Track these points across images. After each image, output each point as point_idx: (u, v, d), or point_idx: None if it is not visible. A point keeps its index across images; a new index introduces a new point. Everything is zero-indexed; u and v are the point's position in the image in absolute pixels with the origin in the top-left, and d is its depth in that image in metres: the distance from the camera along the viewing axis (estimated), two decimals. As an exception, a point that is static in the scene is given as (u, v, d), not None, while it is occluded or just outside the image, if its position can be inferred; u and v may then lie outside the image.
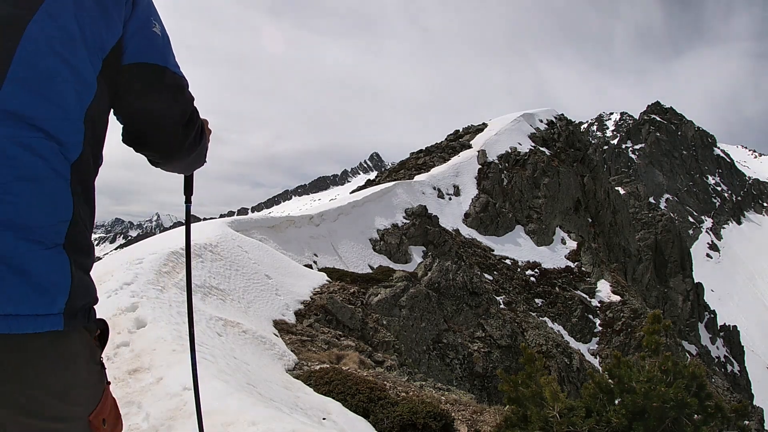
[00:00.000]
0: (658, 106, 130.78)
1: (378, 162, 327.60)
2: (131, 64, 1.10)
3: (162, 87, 1.15)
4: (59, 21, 0.97)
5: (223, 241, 9.85)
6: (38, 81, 0.93)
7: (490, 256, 22.20)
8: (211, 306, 7.11)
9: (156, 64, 1.14)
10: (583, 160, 34.20)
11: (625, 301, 22.61)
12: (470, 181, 26.70)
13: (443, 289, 13.23)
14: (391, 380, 6.62)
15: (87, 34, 1.01)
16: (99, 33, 1.03)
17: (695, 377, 3.61)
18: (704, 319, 45.79)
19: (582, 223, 29.31)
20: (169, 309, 6.05)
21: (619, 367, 3.82)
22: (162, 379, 3.75)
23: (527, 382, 4.14)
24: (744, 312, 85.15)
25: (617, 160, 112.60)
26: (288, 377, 5.60)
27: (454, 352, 11.72)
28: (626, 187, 61.76)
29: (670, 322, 4.26)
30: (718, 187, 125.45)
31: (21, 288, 0.85)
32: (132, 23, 1.11)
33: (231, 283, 8.45)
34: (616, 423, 3.55)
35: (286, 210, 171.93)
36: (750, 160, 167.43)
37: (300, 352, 7.08)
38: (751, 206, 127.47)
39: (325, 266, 13.46)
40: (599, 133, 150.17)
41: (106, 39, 1.05)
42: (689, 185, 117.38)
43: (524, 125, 34.04)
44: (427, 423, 4.50)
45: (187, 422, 3.16)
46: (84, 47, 1.00)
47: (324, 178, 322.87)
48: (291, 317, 8.64)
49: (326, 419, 4.18)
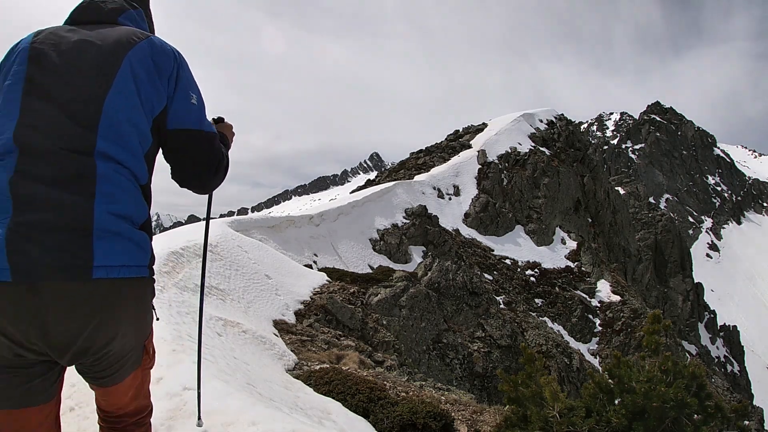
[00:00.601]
0: (658, 106, 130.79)
1: (378, 162, 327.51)
2: (174, 129, 1.58)
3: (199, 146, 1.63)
4: (125, 94, 1.47)
5: (223, 241, 9.85)
6: (117, 136, 1.44)
7: (490, 256, 22.20)
8: (211, 306, 7.11)
9: (192, 129, 1.61)
10: (583, 160, 34.20)
11: (625, 301, 22.61)
12: (470, 181, 26.71)
13: (443, 289, 13.23)
14: (391, 380, 6.62)
15: (143, 102, 1.50)
16: (151, 101, 1.52)
17: (695, 377, 3.61)
18: (704, 319, 45.79)
19: (582, 223, 29.32)
20: (168, 309, 6.06)
21: (619, 367, 3.82)
22: (162, 379, 3.75)
23: (527, 382, 4.14)
24: (744, 312, 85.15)
25: (617, 160, 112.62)
26: (288, 377, 5.60)
27: (454, 352, 11.72)
28: (626, 187, 61.77)
29: (670, 322, 4.26)
30: (718, 187, 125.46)
31: (132, 248, 1.43)
32: (175, 97, 1.58)
33: (231, 283, 8.46)
34: (616, 423, 3.55)
35: (286, 210, 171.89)
36: (750, 160, 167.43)
37: (300, 352, 7.08)
38: (751, 206, 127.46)
39: (325, 266, 13.46)
40: (599, 133, 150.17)
41: (156, 105, 1.54)
42: (689, 185, 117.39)
43: (524, 125, 34.05)
44: (427, 423, 4.50)
45: (187, 422, 3.16)
46: (142, 111, 1.50)
47: (324, 178, 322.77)
48: (291, 317, 8.65)
49: (325, 419, 4.18)
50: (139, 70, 1.49)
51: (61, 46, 1.48)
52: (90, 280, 1.34)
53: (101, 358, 1.47)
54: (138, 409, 1.73)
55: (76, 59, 1.47)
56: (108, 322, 1.41)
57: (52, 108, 1.41)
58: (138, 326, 1.54)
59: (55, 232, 1.31)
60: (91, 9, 1.61)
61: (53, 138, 1.38)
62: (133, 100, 1.48)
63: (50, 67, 1.45)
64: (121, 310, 1.44)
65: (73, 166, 1.37)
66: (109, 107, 1.44)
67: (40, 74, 1.45)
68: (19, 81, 1.45)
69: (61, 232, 1.31)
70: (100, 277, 1.35)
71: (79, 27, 1.56)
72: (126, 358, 1.54)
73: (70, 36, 1.51)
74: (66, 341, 1.37)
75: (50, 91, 1.43)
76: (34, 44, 1.49)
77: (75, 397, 3.72)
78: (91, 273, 1.34)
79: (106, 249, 1.36)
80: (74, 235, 1.33)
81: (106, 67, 1.47)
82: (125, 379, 1.60)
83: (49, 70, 1.45)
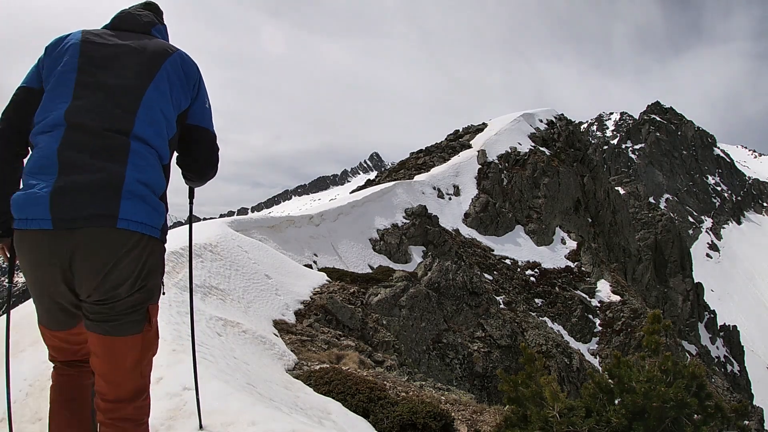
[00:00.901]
0: (658, 106, 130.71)
1: (378, 162, 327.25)
2: (192, 124, 2.00)
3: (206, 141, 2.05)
4: (161, 90, 1.83)
5: (223, 241, 9.85)
6: (151, 122, 1.77)
7: (490, 256, 22.20)
8: (210, 306, 7.11)
9: (206, 128, 2.04)
10: (583, 160, 34.20)
11: (625, 301, 22.60)
12: (470, 181, 26.70)
13: (443, 289, 13.23)
14: (391, 380, 6.62)
15: (173, 98, 1.88)
16: (179, 100, 1.91)
17: (695, 377, 3.61)
18: (704, 319, 45.78)
19: (582, 223, 29.31)
20: (168, 309, 6.06)
21: (619, 367, 3.82)
22: (162, 378, 3.75)
23: (527, 382, 4.14)
24: (744, 312, 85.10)
25: (617, 160, 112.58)
26: (288, 377, 5.60)
27: (454, 352, 11.72)
28: (626, 187, 61.73)
29: (670, 322, 4.26)
30: (718, 187, 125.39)
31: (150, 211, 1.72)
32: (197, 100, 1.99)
33: (231, 283, 8.45)
34: (616, 423, 3.55)
35: (286, 210, 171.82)
36: (750, 160, 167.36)
37: (300, 351, 7.08)
38: (751, 206, 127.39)
39: (325, 266, 13.46)
40: (599, 133, 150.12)
41: (183, 104, 1.94)
42: (689, 185, 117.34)
43: (524, 125, 34.04)
44: (427, 423, 4.50)
45: (187, 422, 3.16)
46: (171, 106, 1.87)
47: (324, 178, 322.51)
48: (291, 317, 8.64)
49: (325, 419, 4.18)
50: (173, 75, 1.88)
51: (109, 47, 1.84)
52: (114, 228, 1.64)
53: (109, 299, 1.69)
54: (136, 390, 1.82)
55: (122, 59, 1.82)
56: (122, 265, 1.68)
57: (100, 95, 1.74)
58: (145, 279, 1.76)
59: (91, 190, 1.62)
60: (130, 19, 1.98)
61: (99, 119, 1.71)
62: (166, 96, 1.85)
63: (99, 62, 1.80)
64: (134, 257, 1.70)
65: (112, 141, 1.69)
66: (148, 99, 1.79)
67: (90, 66, 1.78)
68: (72, 70, 1.77)
69: (96, 190, 1.62)
70: (122, 228, 1.65)
71: (120, 32, 1.93)
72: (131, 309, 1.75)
73: (115, 39, 1.88)
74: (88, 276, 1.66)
75: (99, 81, 1.76)
76: (85, 41, 1.83)
77: (75, 397, 3.72)
78: (116, 223, 1.64)
79: (129, 207, 1.66)
80: (107, 192, 1.63)
81: (147, 68, 1.83)
82: (126, 336, 1.76)
83: (98, 65, 1.79)
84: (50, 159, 1.63)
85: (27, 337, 5.47)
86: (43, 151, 1.66)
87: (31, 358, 4.64)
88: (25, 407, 3.71)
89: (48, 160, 1.63)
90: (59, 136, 1.65)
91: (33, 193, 1.61)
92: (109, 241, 1.64)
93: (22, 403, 3.80)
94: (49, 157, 1.63)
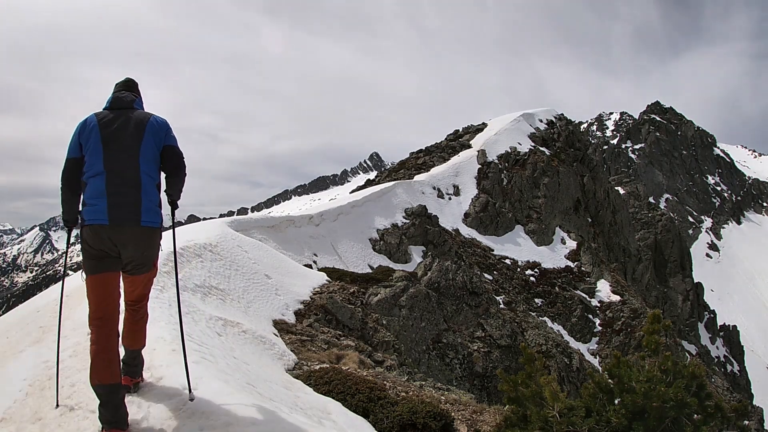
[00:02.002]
0: (657, 105, 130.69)
1: (378, 162, 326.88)
2: (167, 145, 3.30)
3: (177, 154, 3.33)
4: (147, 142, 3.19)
5: (223, 240, 9.85)
6: (147, 161, 3.19)
7: (490, 255, 22.20)
8: (210, 306, 7.11)
9: (175, 146, 3.33)
10: (582, 160, 34.19)
11: (625, 300, 22.60)
12: (470, 180, 26.70)
13: (443, 288, 13.23)
14: (391, 380, 6.62)
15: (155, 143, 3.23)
16: (158, 142, 3.24)
17: (695, 377, 3.61)
18: (704, 319, 45.78)
19: (582, 223, 29.31)
20: (168, 309, 6.06)
21: (618, 366, 3.82)
22: (162, 378, 3.75)
23: (527, 382, 4.14)
24: (744, 312, 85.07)
25: (617, 160, 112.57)
26: (288, 377, 5.60)
27: (454, 351, 11.72)
28: (626, 186, 61.73)
29: (670, 322, 4.26)
30: (718, 187, 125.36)
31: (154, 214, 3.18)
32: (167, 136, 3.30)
33: (231, 282, 8.45)
34: (615, 423, 3.55)
35: (285, 210, 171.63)
36: (750, 159, 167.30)
37: (300, 351, 7.08)
38: (751, 206, 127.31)
39: (325, 266, 13.45)
40: (599, 132, 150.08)
41: (159, 143, 3.25)
42: (689, 185, 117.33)
43: (524, 125, 34.04)
44: (426, 423, 4.50)
45: (187, 422, 3.16)
46: (154, 147, 3.23)
47: (324, 178, 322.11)
48: (291, 317, 8.64)
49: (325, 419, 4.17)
50: (151, 132, 3.23)
51: (114, 123, 3.18)
52: (140, 225, 3.10)
53: (138, 258, 3.20)
54: (142, 296, 3.49)
55: (124, 129, 3.18)
56: (144, 244, 3.17)
57: (117, 152, 3.12)
58: (153, 248, 3.30)
59: (126, 206, 3.06)
60: (118, 101, 3.32)
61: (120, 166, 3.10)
62: (151, 144, 3.21)
63: (111, 135, 3.14)
64: (149, 239, 3.21)
65: (131, 178, 3.12)
66: (143, 149, 3.18)
67: (108, 137, 3.13)
68: (98, 141, 3.12)
69: (129, 205, 3.07)
70: (143, 225, 3.11)
71: (115, 111, 3.26)
72: (147, 262, 3.31)
73: (115, 117, 3.21)
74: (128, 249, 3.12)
75: (115, 144, 3.12)
76: (100, 122, 3.16)
77: (75, 397, 3.72)
78: (141, 223, 3.10)
79: (145, 214, 3.11)
80: (135, 208, 3.07)
81: (137, 132, 3.18)
82: (143, 274, 3.34)
83: (111, 137, 3.14)
84: (101, 190, 3.08)
85: (27, 337, 5.47)
86: (97, 187, 3.09)
87: (31, 358, 4.64)
88: (25, 407, 3.71)
89: (100, 191, 3.08)
90: (104, 179, 3.09)
91: (96, 207, 3.07)
92: (138, 233, 3.15)
93: (22, 402, 3.80)
94: (101, 190, 3.08)
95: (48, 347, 4.78)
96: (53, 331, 5.27)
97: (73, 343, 4.76)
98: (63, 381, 3.99)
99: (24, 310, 7.21)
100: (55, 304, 6.53)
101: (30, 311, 6.78)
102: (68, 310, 5.97)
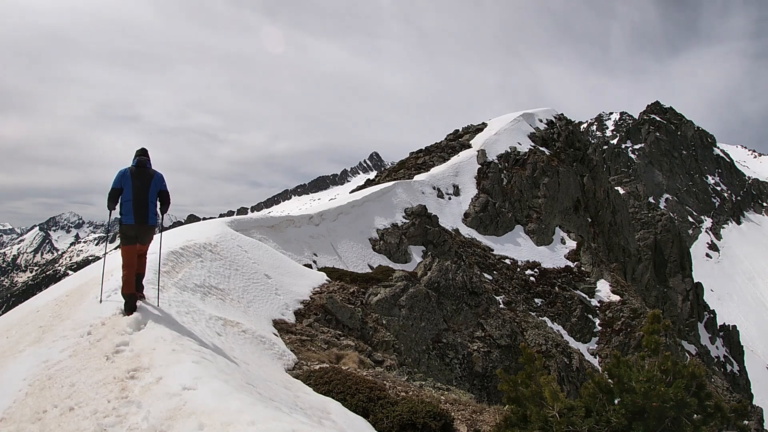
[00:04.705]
0: (657, 105, 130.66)
1: (378, 162, 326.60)
2: (161, 190, 6.38)
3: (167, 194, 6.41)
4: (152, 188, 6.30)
5: (223, 240, 9.84)
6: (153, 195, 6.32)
7: (490, 255, 22.20)
8: (210, 306, 7.11)
9: (166, 191, 6.42)
10: (582, 160, 34.19)
11: (625, 300, 22.60)
12: (470, 180, 26.70)
13: (443, 288, 13.23)
14: (391, 380, 6.62)
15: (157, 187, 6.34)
16: (158, 187, 6.33)
17: (695, 377, 3.61)
18: (704, 319, 45.78)
19: (581, 223, 29.31)
20: (168, 309, 6.06)
21: (618, 366, 3.82)
22: (162, 378, 3.75)
23: (527, 382, 4.14)
24: (744, 312, 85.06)
25: (617, 159, 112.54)
26: (288, 377, 5.60)
27: (454, 351, 11.72)
28: (626, 186, 61.74)
29: (670, 322, 4.26)
30: (718, 187, 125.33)
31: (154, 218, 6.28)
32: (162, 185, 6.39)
33: (231, 282, 8.45)
34: (615, 423, 3.55)
35: (285, 210, 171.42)
36: (749, 159, 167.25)
37: (300, 351, 7.08)
38: (751, 206, 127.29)
39: (325, 266, 13.45)
40: (599, 132, 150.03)
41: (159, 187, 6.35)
42: (689, 185, 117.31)
43: (524, 125, 34.04)
44: (426, 422, 4.50)
45: (187, 422, 3.16)
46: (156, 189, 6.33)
47: (324, 178, 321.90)
48: (291, 317, 8.64)
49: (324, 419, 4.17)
50: (155, 182, 6.17)
51: (139, 175, 6.07)
52: (148, 224, 6.08)
53: (145, 238, 6.19)
54: (145, 251, 6.32)
55: (144, 178, 6.10)
56: (149, 232, 6.20)
57: (139, 190, 6.04)
58: (152, 233, 6.30)
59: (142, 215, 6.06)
60: (141, 162, 6.17)
61: (140, 197, 6.03)
62: (155, 188, 6.17)
63: (137, 183, 6.05)
64: (150, 230, 6.20)
65: (145, 202, 6.08)
66: (151, 191, 6.12)
67: (135, 182, 6.04)
68: (130, 184, 5.99)
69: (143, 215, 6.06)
70: (150, 224, 6.11)
71: (139, 168, 6.12)
72: (148, 239, 6.26)
73: (140, 172, 6.10)
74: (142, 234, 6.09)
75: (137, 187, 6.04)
76: (132, 174, 6.02)
77: (75, 397, 3.71)
78: (148, 222, 6.07)
79: (151, 218, 6.08)
80: (145, 216, 6.06)
81: (149, 181, 6.13)
82: (146, 245, 6.24)
83: (136, 182, 6.05)
84: (130, 208, 5.92)
85: (27, 337, 5.47)
86: (129, 206, 5.92)
87: (31, 358, 4.64)
88: (25, 407, 3.71)
89: (129, 208, 5.92)
90: (131, 203, 5.93)
91: (129, 216, 5.91)
92: (146, 227, 6.05)
93: (21, 402, 3.80)
94: (130, 208, 5.92)
95: (48, 347, 4.78)
96: (53, 331, 5.27)
97: (73, 343, 4.76)
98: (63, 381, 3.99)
99: (24, 310, 7.21)
100: (55, 305, 6.58)
101: (30, 311, 6.78)
102: (68, 310, 5.97)
